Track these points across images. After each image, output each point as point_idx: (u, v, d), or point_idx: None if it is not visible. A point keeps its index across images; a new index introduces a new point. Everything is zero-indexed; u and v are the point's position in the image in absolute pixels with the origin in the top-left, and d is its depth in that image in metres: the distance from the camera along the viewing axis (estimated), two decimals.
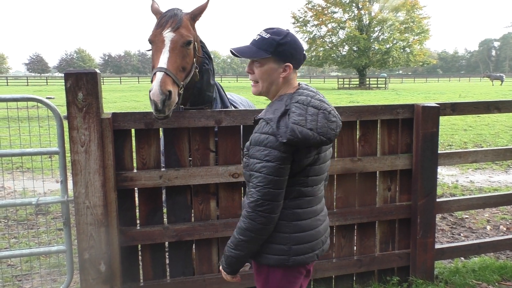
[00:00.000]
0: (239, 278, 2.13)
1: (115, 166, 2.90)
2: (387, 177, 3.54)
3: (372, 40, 50.87)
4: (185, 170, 3.01)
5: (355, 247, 3.57)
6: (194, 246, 3.23)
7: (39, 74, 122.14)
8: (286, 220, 2.00)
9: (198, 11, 2.90)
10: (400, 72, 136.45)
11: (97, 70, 2.76)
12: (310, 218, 2.07)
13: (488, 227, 5.36)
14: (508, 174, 8.07)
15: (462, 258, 4.27)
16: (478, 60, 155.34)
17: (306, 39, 53.18)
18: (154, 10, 2.94)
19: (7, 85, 53.50)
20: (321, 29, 52.97)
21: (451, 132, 12.69)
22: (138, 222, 3.12)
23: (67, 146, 2.80)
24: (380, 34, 51.85)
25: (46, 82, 59.85)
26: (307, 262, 2.06)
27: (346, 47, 52.41)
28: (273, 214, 1.93)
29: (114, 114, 2.87)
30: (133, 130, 2.97)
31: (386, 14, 49.94)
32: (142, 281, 3.16)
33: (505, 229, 5.31)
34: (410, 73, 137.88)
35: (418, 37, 51.14)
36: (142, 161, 3.01)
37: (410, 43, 50.51)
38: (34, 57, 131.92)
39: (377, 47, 49.61)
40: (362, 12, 51.26)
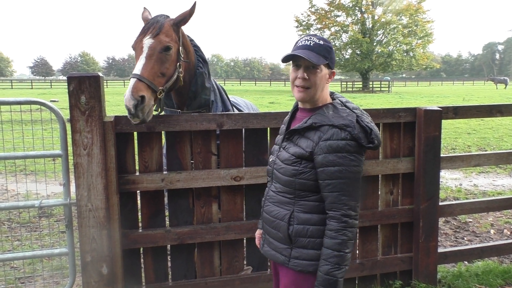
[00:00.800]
0: None
1: (118, 169, 2.90)
2: (389, 180, 3.53)
3: (375, 43, 50.85)
4: (187, 173, 3.02)
5: (358, 251, 3.56)
6: (196, 249, 3.23)
7: (44, 77, 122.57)
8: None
9: (182, 17, 2.89)
10: (403, 75, 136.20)
11: (100, 74, 2.78)
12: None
13: (492, 231, 5.34)
14: None
15: (466, 262, 4.25)
16: (482, 63, 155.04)
17: None
18: (144, 18, 2.97)
19: (12, 88, 53.74)
20: (324, 32, 52.97)
21: (455, 135, 12.65)
22: (140, 225, 3.13)
23: (70, 149, 2.81)
24: (383, 37, 51.82)
25: (50, 85, 60.12)
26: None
27: (349, 51, 52.41)
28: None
29: (116, 117, 2.88)
30: (135, 133, 2.99)
31: (389, 17, 49.89)
32: (144, 284, 3.17)
33: (509, 233, 5.28)
34: (413, 76, 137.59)
35: (421, 41, 51.07)
36: (144, 164, 3.02)
37: (413, 47, 50.43)
38: (38, 60, 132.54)
39: (380, 51, 49.56)
40: (365, 15, 51.26)
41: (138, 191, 3.04)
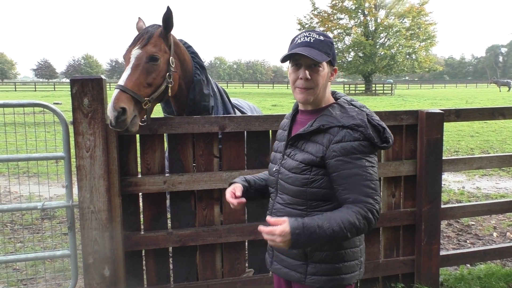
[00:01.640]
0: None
1: (120, 171, 2.92)
2: (392, 183, 3.53)
3: (378, 46, 50.83)
4: (189, 176, 3.03)
5: None
6: (198, 252, 3.24)
7: (47, 80, 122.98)
8: None
9: (164, 23, 2.82)
10: (406, 78, 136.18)
11: (102, 76, 2.79)
12: None
13: (494, 234, 5.32)
14: None
15: (468, 265, 4.24)
16: (485, 66, 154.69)
17: None
18: (138, 29, 2.97)
19: (15, 90, 53.96)
20: None
21: (458, 138, 12.62)
22: (142, 227, 3.13)
23: (73, 151, 2.82)
24: (386, 40, 51.79)
25: (54, 88, 60.26)
26: (362, 273, 2.04)
27: (352, 53, 52.38)
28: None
29: None
30: (137, 136, 3.00)
31: (392, 20, 49.88)
32: (146, 286, 3.18)
33: (511, 236, 5.27)
34: (416, 79, 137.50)
35: (424, 43, 51.03)
36: (147, 166, 3.03)
37: (415, 50, 50.38)
38: (42, 63, 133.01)
39: (383, 53, 49.53)
40: (368, 18, 51.26)
41: (140, 193, 3.05)
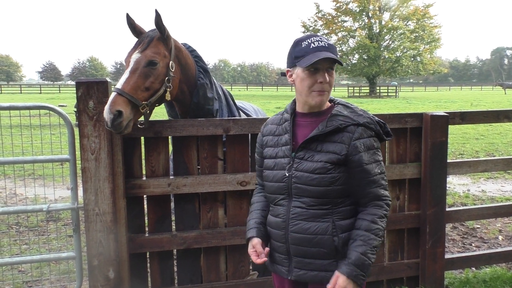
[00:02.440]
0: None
1: (125, 174, 2.93)
2: (396, 186, 3.52)
3: (382, 48, 50.78)
4: (193, 178, 3.04)
5: None
6: (202, 254, 3.24)
7: (52, 82, 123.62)
8: None
9: (157, 28, 2.81)
10: (411, 80, 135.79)
11: (107, 79, 2.81)
12: None
13: (500, 237, 5.30)
14: None
15: (473, 269, 4.22)
16: (490, 68, 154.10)
17: None
18: (131, 26, 2.91)
19: (21, 93, 54.32)
20: (331, 37, 52.97)
21: (463, 141, 12.58)
22: (146, 229, 3.14)
23: (78, 153, 2.84)
24: (390, 43, 51.74)
25: (59, 90, 60.62)
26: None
27: (356, 56, 52.38)
28: None
29: None
30: (142, 138, 3.01)
31: (397, 22, 49.83)
32: None
33: None
34: (421, 81, 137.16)
35: (428, 46, 50.93)
36: (151, 168, 3.04)
37: (420, 52, 50.29)
38: (47, 65, 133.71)
39: (387, 56, 49.48)
40: (373, 20, 51.24)
41: (144, 196, 3.06)
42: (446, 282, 3.75)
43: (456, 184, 7.92)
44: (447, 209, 3.57)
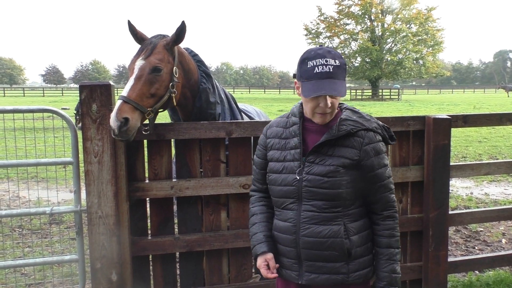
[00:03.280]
0: None
1: (127, 177, 2.93)
2: (398, 189, 3.51)
3: (384, 51, 50.77)
4: (196, 181, 3.04)
5: None
6: (204, 257, 3.24)
7: (55, 85, 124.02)
8: None
9: (175, 37, 2.85)
10: (413, 83, 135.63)
11: (111, 82, 2.82)
12: None
13: (503, 240, 5.28)
14: None
15: (477, 272, 4.21)
16: (493, 71, 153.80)
17: None
18: (133, 33, 2.96)
19: (24, 96, 54.52)
20: (333, 40, 53.06)
21: (466, 144, 12.55)
22: (149, 232, 3.15)
23: (81, 156, 2.85)
24: (393, 45, 51.73)
25: (62, 93, 60.78)
26: None
27: (359, 59, 52.38)
28: None
29: None
30: (145, 141, 3.02)
31: (399, 26, 49.82)
32: None
33: None
34: (423, 84, 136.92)
35: (431, 49, 50.89)
36: (154, 171, 3.05)
37: (423, 55, 50.24)
38: (50, 68, 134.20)
39: (389, 59, 49.46)
40: (375, 23, 51.26)
41: (147, 199, 3.07)
42: (449, 285, 3.74)
43: (459, 187, 7.91)
44: (450, 212, 3.56)
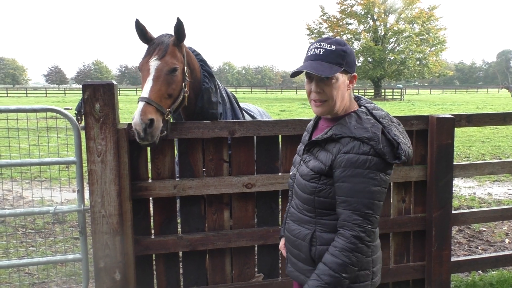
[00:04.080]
0: None
1: (131, 176, 2.94)
2: (401, 188, 3.51)
3: (387, 51, 50.69)
4: (199, 180, 3.04)
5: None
6: (207, 256, 3.25)
7: (58, 85, 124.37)
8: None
9: (176, 34, 2.82)
10: (416, 83, 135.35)
11: (114, 82, 2.82)
12: (377, 237, 2.02)
13: (506, 240, 5.27)
14: None
15: (480, 272, 4.20)
16: (496, 71, 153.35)
17: None
18: (139, 32, 2.89)
19: (27, 96, 54.65)
20: None
21: (469, 143, 12.52)
22: (152, 231, 3.15)
23: (84, 156, 2.85)
24: (395, 45, 51.64)
25: (64, 93, 60.92)
26: (378, 283, 1.99)
27: (361, 58, 52.28)
28: (374, 243, 1.90)
29: (130, 125, 2.92)
30: None
31: (402, 25, 49.73)
32: None
33: None
34: (426, 84, 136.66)
35: (434, 48, 50.77)
36: (157, 171, 3.05)
37: (426, 55, 50.13)
38: (53, 68, 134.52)
39: (392, 58, 49.36)
40: (378, 23, 51.19)
41: (150, 198, 3.07)
42: (452, 285, 3.74)
43: (462, 187, 7.89)
44: (453, 211, 3.55)
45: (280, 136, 3.22)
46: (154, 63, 2.72)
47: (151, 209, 3.11)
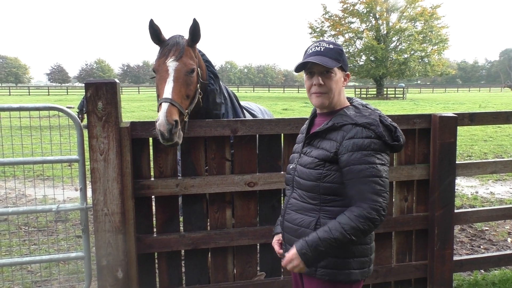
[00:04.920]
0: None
1: (133, 174, 2.94)
2: (404, 187, 3.51)
3: (389, 50, 50.57)
4: (201, 179, 3.05)
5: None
6: (209, 254, 3.25)
7: (60, 84, 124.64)
8: None
9: (191, 35, 2.83)
10: (418, 82, 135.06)
11: (116, 80, 2.82)
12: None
13: (509, 240, 5.25)
14: None
15: (482, 271, 4.19)
16: (498, 70, 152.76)
17: None
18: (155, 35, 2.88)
19: (29, 94, 54.76)
20: (338, 39, 52.84)
21: (471, 142, 12.49)
22: (154, 229, 3.16)
23: (87, 154, 2.86)
24: (398, 44, 51.53)
25: (67, 92, 61.06)
26: (371, 272, 2.12)
27: (364, 57, 52.19)
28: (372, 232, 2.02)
29: (132, 123, 2.92)
30: (150, 139, 3.02)
31: (404, 23, 49.62)
32: None
33: None
34: (428, 83, 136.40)
35: (436, 47, 50.63)
36: (159, 169, 3.05)
37: (428, 53, 49.99)
38: (55, 67, 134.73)
39: (394, 57, 49.26)
40: (380, 22, 51.06)
41: (153, 196, 3.07)
42: (454, 284, 3.73)
43: (464, 186, 7.87)
44: (456, 210, 3.55)
45: (282, 135, 3.22)
46: (172, 64, 2.71)
47: (154, 207, 3.12)
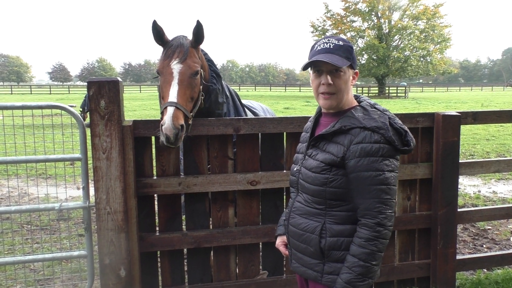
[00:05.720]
0: None
1: (136, 173, 2.94)
2: (407, 186, 3.50)
3: (391, 49, 50.48)
4: (203, 178, 3.04)
5: None
6: (212, 253, 3.25)
7: (62, 83, 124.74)
8: None
9: (195, 37, 2.82)
10: (420, 81, 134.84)
11: (119, 79, 2.82)
12: None
13: (511, 239, 5.24)
14: None
15: (485, 270, 4.18)
16: (501, 69, 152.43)
17: None
18: (157, 35, 2.87)
19: (31, 93, 54.86)
20: None
21: (473, 141, 12.46)
22: (157, 228, 3.16)
23: (89, 153, 2.85)
24: (399, 42, 51.43)
25: (68, 91, 61.20)
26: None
27: (365, 56, 52.09)
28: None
29: (135, 122, 2.92)
30: (153, 138, 3.02)
31: (406, 22, 49.52)
32: (161, 287, 3.19)
33: None
34: (430, 82, 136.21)
35: (438, 46, 50.52)
36: (162, 168, 3.05)
37: (430, 52, 49.89)
38: (57, 66, 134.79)
39: (396, 56, 49.17)
40: (382, 20, 50.97)
41: (155, 195, 3.07)
42: (457, 283, 3.72)
43: (466, 185, 7.86)
44: (459, 209, 3.54)
45: (285, 133, 3.21)
46: (177, 66, 2.70)
47: (156, 206, 3.12)
